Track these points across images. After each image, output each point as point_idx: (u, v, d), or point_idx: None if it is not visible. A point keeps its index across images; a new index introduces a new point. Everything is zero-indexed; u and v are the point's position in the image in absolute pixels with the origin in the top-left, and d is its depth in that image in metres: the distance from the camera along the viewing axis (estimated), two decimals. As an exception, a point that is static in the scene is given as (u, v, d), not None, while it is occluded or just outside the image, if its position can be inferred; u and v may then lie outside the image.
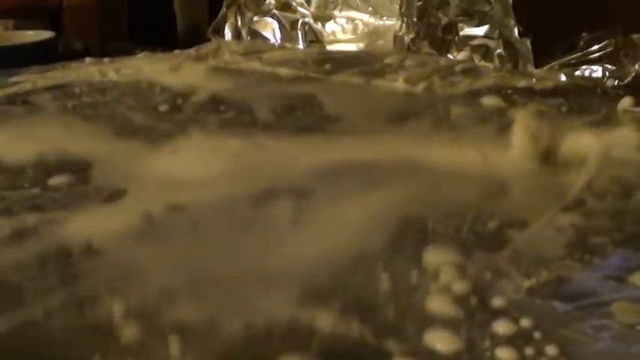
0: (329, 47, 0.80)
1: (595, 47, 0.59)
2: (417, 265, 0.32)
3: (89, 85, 0.58)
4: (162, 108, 0.52)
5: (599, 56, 0.59)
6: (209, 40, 0.84)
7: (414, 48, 0.72)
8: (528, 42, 0.65)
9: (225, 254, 0.34)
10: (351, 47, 0.80)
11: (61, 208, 0.38)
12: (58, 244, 0.34)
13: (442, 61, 0.66)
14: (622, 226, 0.35)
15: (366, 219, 0.36)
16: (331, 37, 0.82)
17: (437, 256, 0.32)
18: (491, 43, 0.67)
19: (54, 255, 0.33)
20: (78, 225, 0.36)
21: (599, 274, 0.31)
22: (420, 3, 0.71)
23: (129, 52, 0.74)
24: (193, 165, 0.43)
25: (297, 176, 0.41)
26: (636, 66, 0.57)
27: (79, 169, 0.43)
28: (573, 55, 0.60)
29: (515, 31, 0.66)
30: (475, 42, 0.68)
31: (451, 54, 0.69)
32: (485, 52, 0.67)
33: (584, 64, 0.60)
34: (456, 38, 0.69)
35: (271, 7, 0.83)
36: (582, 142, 0.44)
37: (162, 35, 1.08)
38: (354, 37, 0.82)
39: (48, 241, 0.35)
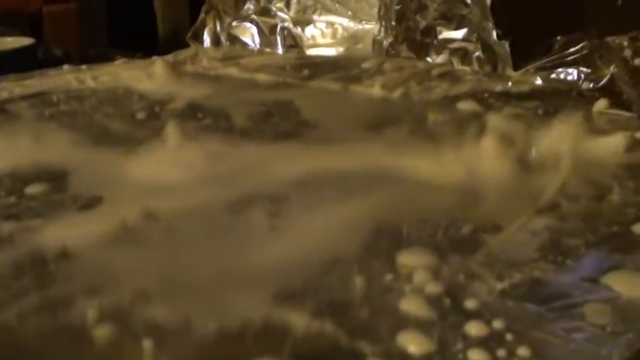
0: (308, 51, 0.80)
1: (570, 50, 0.60)
2: (391, 268, 0.32)
3: (67, 93, 0.57)
4: (140, 115, 0.52)
5: (575, 59, 0.59)
6: (189, 45, 0.84)
7: (392, 52, 0.72)
8: (507, 45, 0.65)
9: (200, 258, 0.34)
10: (331, 51, 0.80)
11: (38, 217, 0.38)
12: (33, 252, 0.34)
13: (420, 64, 0.67)
14: (595, 228, 0.35)
15: (340, 225, 0.36)
16: (311, 42, 0.82)
17: (411, 260, 0.33)
18: (470, 46, 0.67)
19: (29, 262, 0.33)
20: (54, 233, 0.36)
21: (571, 276, 0.32)
22: (399, 7, 0.71)
23: (109, 58, 0.74)
24: (170, 172, 0.43)
25: (274, 183, 0.41)
26: (611, 68, 0.57)
27: (56, 177, 0.43)
28: (549, 58, 0.60)
29: (494, 33, 0.66)
30: (454, 45, 0.68)
31: (430, 57, 0.69)
32: (464, 56, 0.67)
33: (559, 67, 0.60)
34: (435, 42, 0.69)
35: (250, 12, 0.83)
36: (557, 144, 0.44)
37: (143, 41, 1.07)
38: (333, 41, 0.82)
39: (23, 248, 0.35)
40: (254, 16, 0.83)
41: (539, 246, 0.34)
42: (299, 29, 0.82)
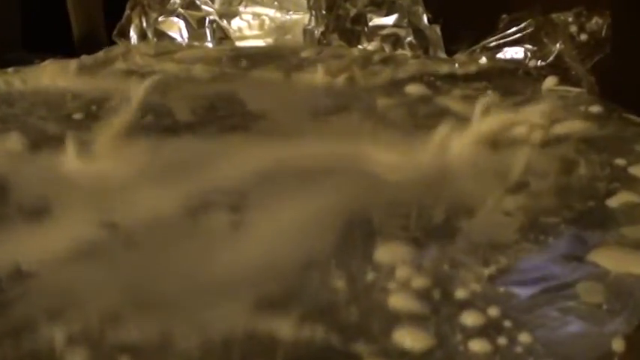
0: (237, 44, 0.78)
1: (515, 29, 0.59)
2: (371, 264, 0.31)
3: (-5, 98, 0.54)
4: (77, 116, 0.49)
5: (520, 37, 0.59)
6: (110, 44, 0.81)
7: (324, 41, 0.71)
8: (438, 28, 0.65)
9: (167, 269, 0.32)
10: (259, 43, 0.78)
11: (-20, 233, 0.35)
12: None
13: (356, 51, 0.65)
14: (570, 204, 0.35)
15: (308, 221, 0.34)
16: (238, 34, 0.80)
17: (389, 253, 0.31)
18: (401, 32, 0.67)
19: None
20: (3, 250, 0.34)
21: (556, 255, 0.31)
22: (329, -5, 0.70)
23: (28, 62, 0.71)
24: (118, 175, 0.41)
25: (230, 179, 0.39)
26: (557, 45, 0.57)
27: (-5, 189, 0.40)
28: (493, 38, 0.60)
29: (425, 18, 0.66)
30: (385, 31, 0.67)
31: (361, 45, 0.68)
32: (396, 41, 0.67)
33: (505, 47, 0.60)
34: (366, 29, 0.68)
35: (176, 6, 0.81)
36: (513, 123, 0.44)
37: (59, 42, 1.04)
38: (261, 32, 0.80)
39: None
40: (181, 10, 0.80)
41: (517, 227, 0.33)
42: (225, 22, 0.80)
